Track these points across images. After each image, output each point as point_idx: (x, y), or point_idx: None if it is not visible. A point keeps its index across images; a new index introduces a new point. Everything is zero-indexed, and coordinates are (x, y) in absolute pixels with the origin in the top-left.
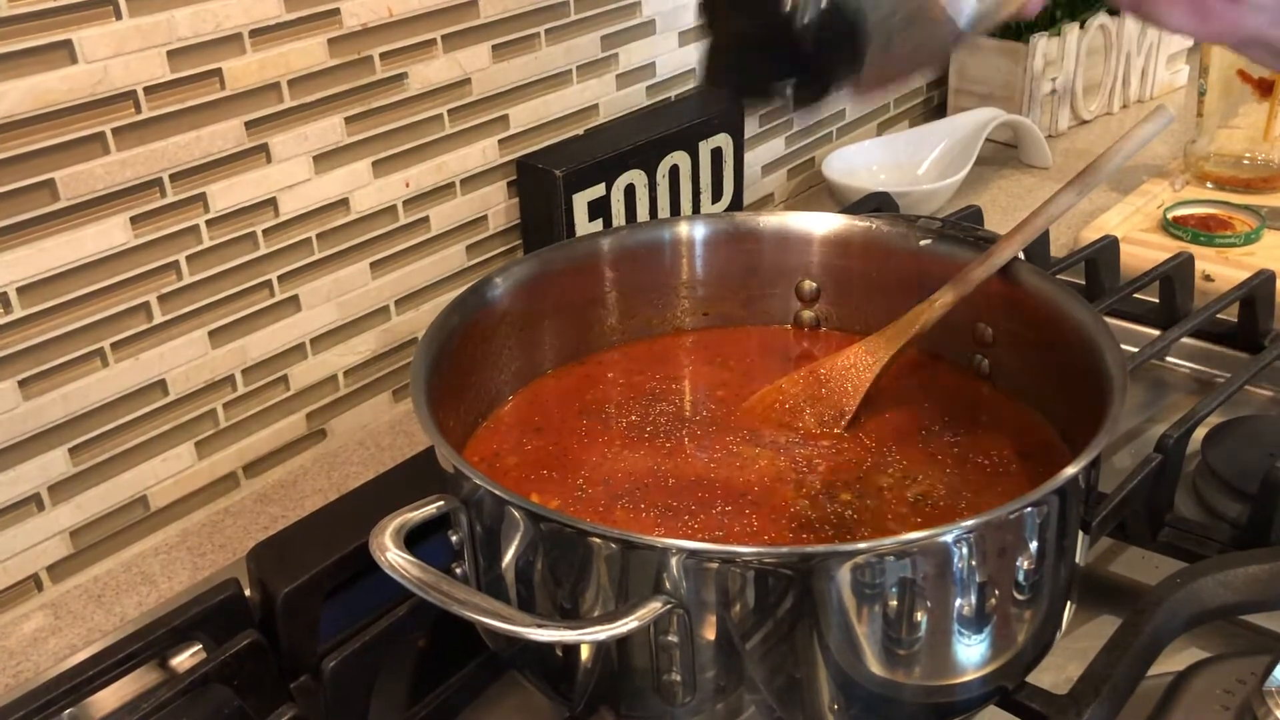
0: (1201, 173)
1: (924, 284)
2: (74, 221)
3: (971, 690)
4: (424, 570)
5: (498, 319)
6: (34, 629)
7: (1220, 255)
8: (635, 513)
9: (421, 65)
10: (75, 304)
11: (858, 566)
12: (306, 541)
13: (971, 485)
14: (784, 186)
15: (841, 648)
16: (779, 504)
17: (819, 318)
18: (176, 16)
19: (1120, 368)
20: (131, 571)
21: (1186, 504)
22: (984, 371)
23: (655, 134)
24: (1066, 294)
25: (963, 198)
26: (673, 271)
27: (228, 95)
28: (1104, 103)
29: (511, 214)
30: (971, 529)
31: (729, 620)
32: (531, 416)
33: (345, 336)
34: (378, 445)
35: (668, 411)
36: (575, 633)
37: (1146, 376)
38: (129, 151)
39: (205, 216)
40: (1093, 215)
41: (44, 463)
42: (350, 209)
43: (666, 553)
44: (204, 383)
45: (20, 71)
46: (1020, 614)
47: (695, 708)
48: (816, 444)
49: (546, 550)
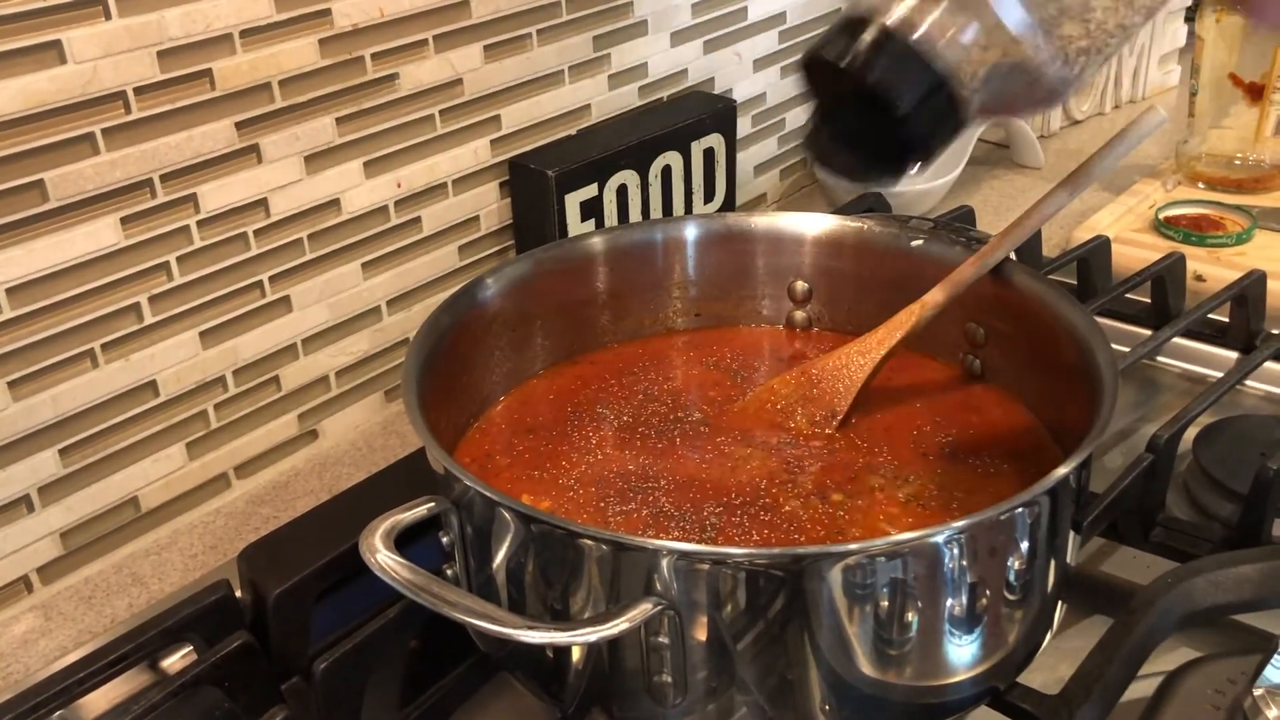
0: (1193, 173)
1: (916, 284)
2: (64, 222)
3: (963, 690)
4: (414, 572)
5: (489, 319)
6: (24, 630)
7: (1212, 255)
8: (627, 514)
9: (413, 65)
10: (65, 305)
11: (849, 567)
12: (298, 543)
13: (963, 485)
14: (776, 186)
15: (833, 648)
16: (771, 504)
17: (811, 318)
18: (166, 17)
19: (1112, 368)
20: (122, 573)
21: (1178, 504)
22: (976, 372)
23: (647, 134)
24: (1058, 294)
25: (955, 198)
26: (665, 272)
27: (218, 95)
28: (1096, 103)
29: (504, 214)
30: (963, 529)
31: (720, 621)
32: (523, 417)
33: (337, 337)
34: (369, 446)
35: (660, 412)
36: (566, 634)
37: (1138, 376)
38: (119, 152)
39: (196, 217)
40: (1084, 215)
41: (34, 464)
42: (342, 209)
43: (658, 554)
44: (195, 384)
45: (9, 71)
46: (1011, 614)
47: (687, 709)
48: (808, 444)
49: (538, 552)
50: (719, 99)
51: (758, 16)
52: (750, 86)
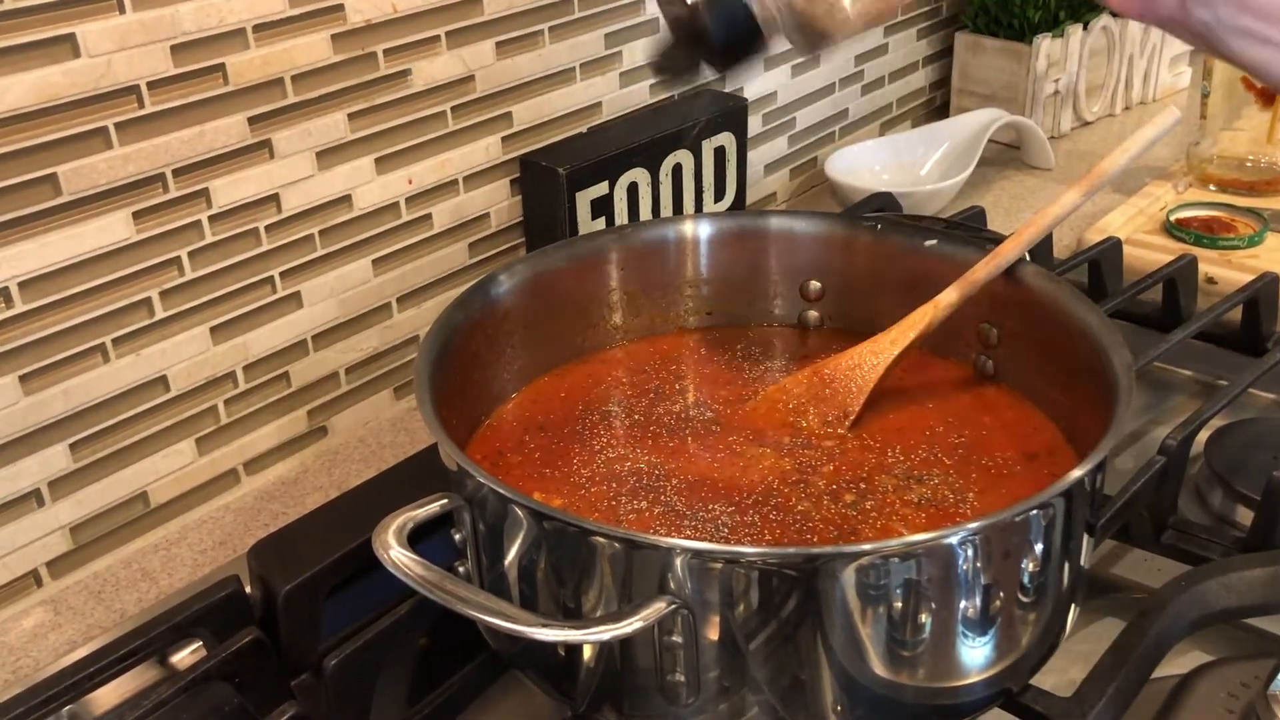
0: (1204, 175)
1: (929, 284)
2: (76, 216)
3: (976, 692)
4: (427, 568)
5: (501, 317)
6: (34, 625)
7: (1223, 258)
8: (639, 512)
9: (425, 62)
10: (77, 299)
11: (862, 568)
12: (308, 539)
13: (976, 486)
14: (786, 186)
15: (845, 649)
16: (782, 504)
17: (823, 317)
18: (180, 11)
19: (1126, 370)
20: (132, 568)
21: (1190, 507)
22: (989, 372)
23: (659, 132)
24: (1072, 295)
25: (965, 198)
26: (677, 270)
27: (231, 91)
28: (1107, 104)
29: (514, 212)
30: (976, 531)
31: (733, 621)
32: (535, 415)
33: (347, 334)
34: (379, 443)
35: (671, 410)
36: (579, 632)
37: (1150, 379)
38: (131, 146)
39: (207, 212)
40: (1096, 217)
41: (44, 458)
42: (353, 206)
43: (671, 553)
44: (205, 379)
45: (23, 65)
46: (1025, 616)
47: (699, 708)
48: (820, 444)
49: (550, 549)
50: (730, 97)
51: None
52: (761, 85)
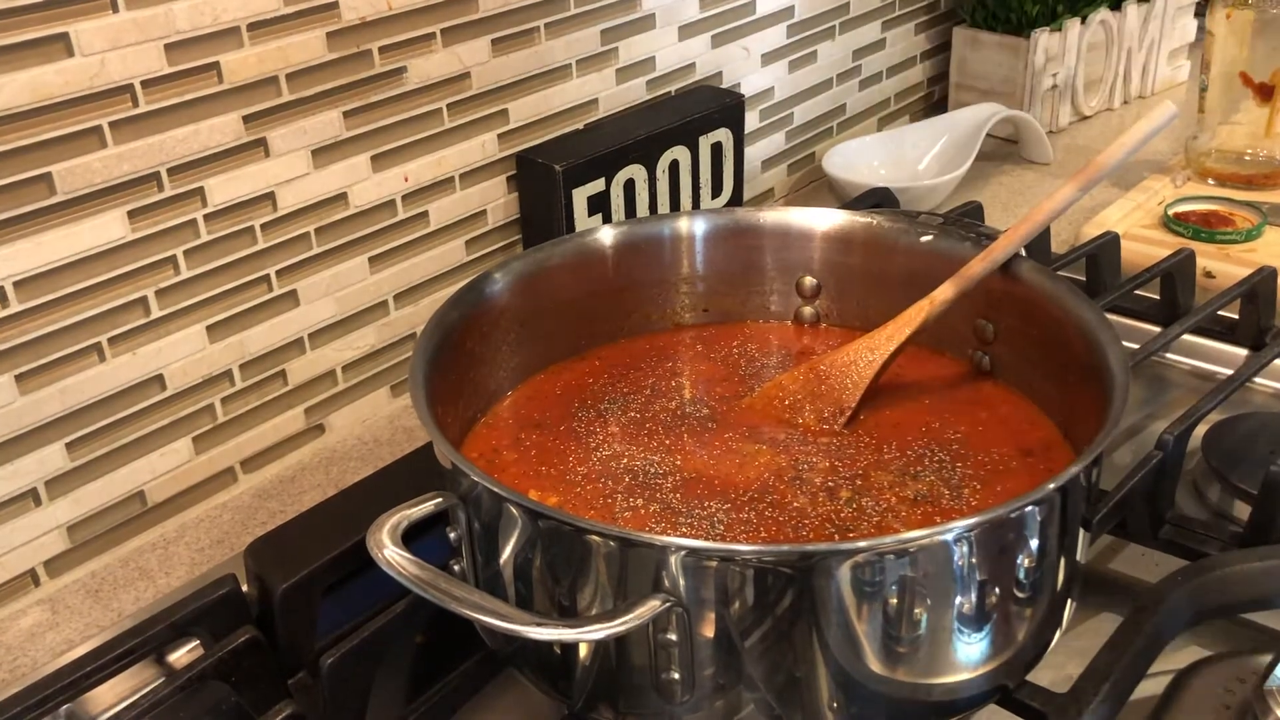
0: (1203, 169)
1: (925, 280)
2: (71, 215)
3: (972, 689)
4: (421, 567)
5: (497, 314)
6: (31, 624)
7: (1221, 252)
8: (634, 510)
9: (421, 59)
10: (72, 298)
11: (858, 565)
12: (304, 537)
13: (972, 483)
14: (784, 182)
15: (841, 646)
16: (778, 501)
17: (819, 314)
18: (174, 10)
19: (1123, 365)
20: (129, 567)
21: (1187, 501)
22: (985, 368)
23: (655, 129)
24: (1069, 290)
25: (963, 193)
26: (673, 267)
27: (225, 89)
28: (1105, 98)
29: (511, 209)
30: (973, 527)
31: (728, 618)
32: (530, 412)
33: (344, 332)
34: (376, 441)
35: (667, 408)
36: (574, 631)
37: (1147, 373)
38: (126, 145)
39: (203, 211)
40: (1093, 211)
41: (41, 457)
42: (349, 203)
43: (666, 551)
44: (202, 378)
45: (17, 65)
46: (1021, 612)
47: (694, 705)
48: (816, 441)
49: (545, 547)
50: (727, 93)
51: (766, 11)
52: (758, 81)
